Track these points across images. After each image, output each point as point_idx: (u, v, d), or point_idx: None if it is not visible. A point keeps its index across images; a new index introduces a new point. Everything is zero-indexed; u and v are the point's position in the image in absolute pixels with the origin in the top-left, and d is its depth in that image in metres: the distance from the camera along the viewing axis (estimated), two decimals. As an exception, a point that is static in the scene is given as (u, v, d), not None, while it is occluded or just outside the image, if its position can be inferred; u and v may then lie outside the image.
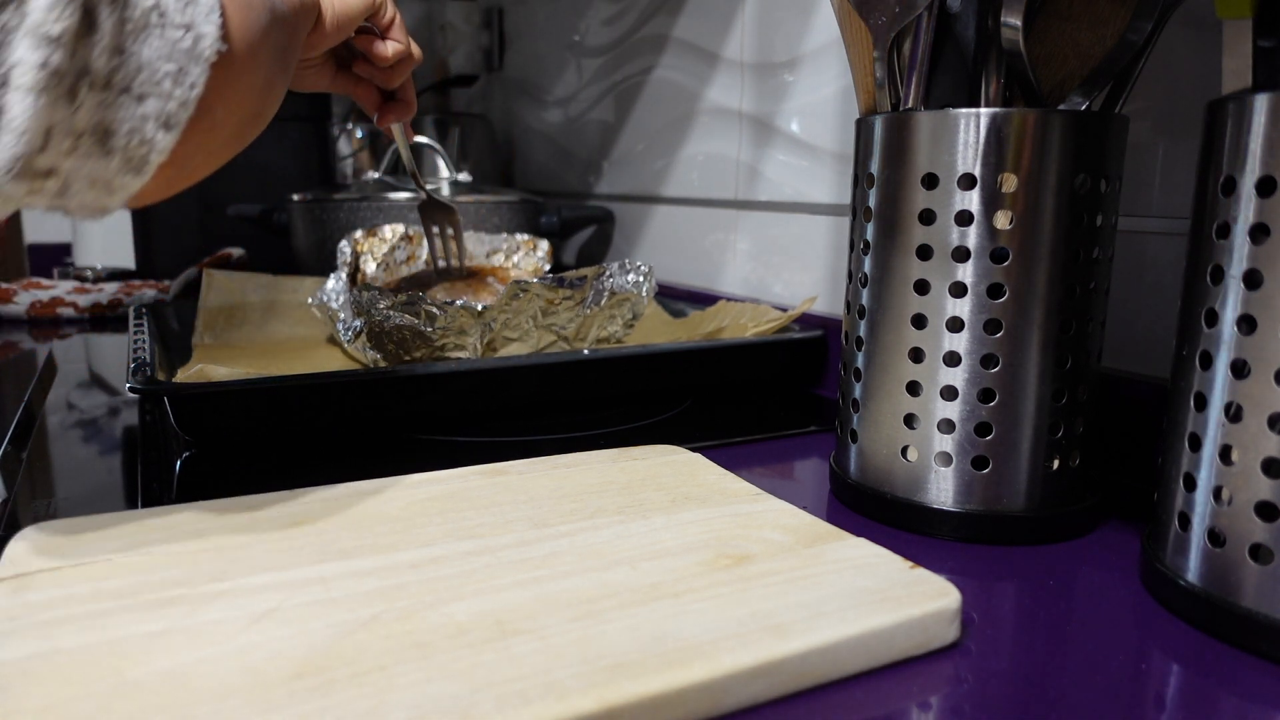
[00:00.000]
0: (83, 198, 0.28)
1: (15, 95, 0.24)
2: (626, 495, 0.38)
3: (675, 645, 0.26)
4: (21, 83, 0.24)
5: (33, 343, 0.84)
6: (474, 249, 0.81)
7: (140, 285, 1.00)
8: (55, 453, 0.51)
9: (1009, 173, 0.36)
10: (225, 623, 0.27)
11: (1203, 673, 0.29)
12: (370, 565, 0.31)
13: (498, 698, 0.24)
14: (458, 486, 0.39)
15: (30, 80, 0.24)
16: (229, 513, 0.35)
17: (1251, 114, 0.30)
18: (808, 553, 0.33)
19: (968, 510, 0.39)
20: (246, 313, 0.75)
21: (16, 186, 0.26)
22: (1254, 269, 0.30)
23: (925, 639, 0.29)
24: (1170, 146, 0.46)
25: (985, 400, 0.38)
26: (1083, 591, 0.35)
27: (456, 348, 0.57)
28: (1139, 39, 0.36)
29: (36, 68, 0.24)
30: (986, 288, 0.37)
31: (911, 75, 0.40)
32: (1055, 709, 0.27)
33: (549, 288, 0.58)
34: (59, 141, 0.26)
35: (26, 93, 0.24)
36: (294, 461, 0.49)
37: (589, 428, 0.56)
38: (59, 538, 0.33)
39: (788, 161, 0.73)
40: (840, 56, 0.66)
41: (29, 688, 0.24)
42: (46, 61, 0.24)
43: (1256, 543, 0.30)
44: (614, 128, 1.01)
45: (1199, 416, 0.32)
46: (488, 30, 1.33)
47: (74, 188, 0.28)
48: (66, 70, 0.25)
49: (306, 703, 0.23)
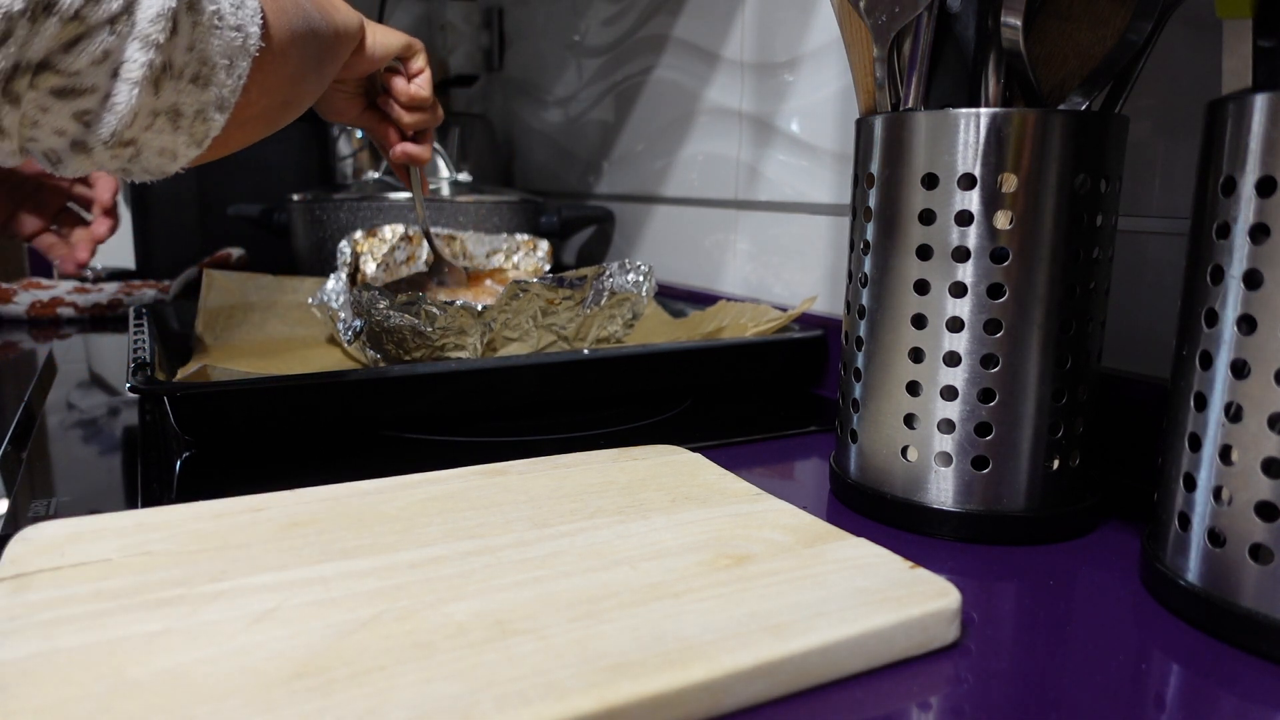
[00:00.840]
0: (149, 163, 0.35)
1: (123, 85, 0.31)
2: (626, 495, 0.38)
3: (675, 645, 0.26)
4: (129, 77, 0.31)
5: (33, 343, 0.84)
6: (474, 249, 0.81)
7: (140, 285, 1.00)
8: (55, 453, 0.51)
9: (1009, 173, 0.36)
10: (225, 623, 0.27)
11: (1203, 673, 0.29)
12: (370, 565, 0.31)
13: (498, 698, 0.24)
14: (458, 486, 0.39)
15: (136, 75, 0.31)
16: (229, 513, 0.35)
17: (1251, 114, 0.30)
18: (808, 553, 0.33)
19: (968, 510, 0.39)
20: (246, 313, 0.75)
21: (104, 152, 0.32)
22: (1254, 269, 0.30)
23: (925, 639, 0.29)
24: (1170, 146, 0.46)
25: (985, 400, 0.38)
26: (1083, 591, 0.35)
27: (456, 348, 0.57)
28: (1139, 39, 0.36)
29: (142, 65, 0.31)
30: (986, 288, 0.37)
31: (911, 75, 0.40)
32: (1055, 709, 0.27)
33: (549, 288, 0.58)
34: (143, 119, 0.32)
35: (132, 85, 0.31)
36: (294, 461, 0.49)
37: (589, 428, 0.56)
38: (59, 538, 0.33)
39: (788, 161, 0.73)
40: (840, 56, 0.66)
41: (29, 688, 0.24)
42: (149, 61, 0.31)
43: (1256, 543, 0.30)
44: (614, 128, 1.01)
45: (1199, 416, 0.32)
46: (488, 30, 1.33)
47: (144, 154, 0.34)
48: (158, 66, 0.31)
49: (306, 703, 0.23)
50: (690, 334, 0.71)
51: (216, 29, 0.33)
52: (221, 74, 0.34)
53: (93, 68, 0.30)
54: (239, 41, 0.34)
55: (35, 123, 0.31)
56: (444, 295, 0.70)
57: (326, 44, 0.44)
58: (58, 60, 0.29)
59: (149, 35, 0.30)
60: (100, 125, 0.31)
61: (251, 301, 0.76)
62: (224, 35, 0.33)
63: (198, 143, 0.35)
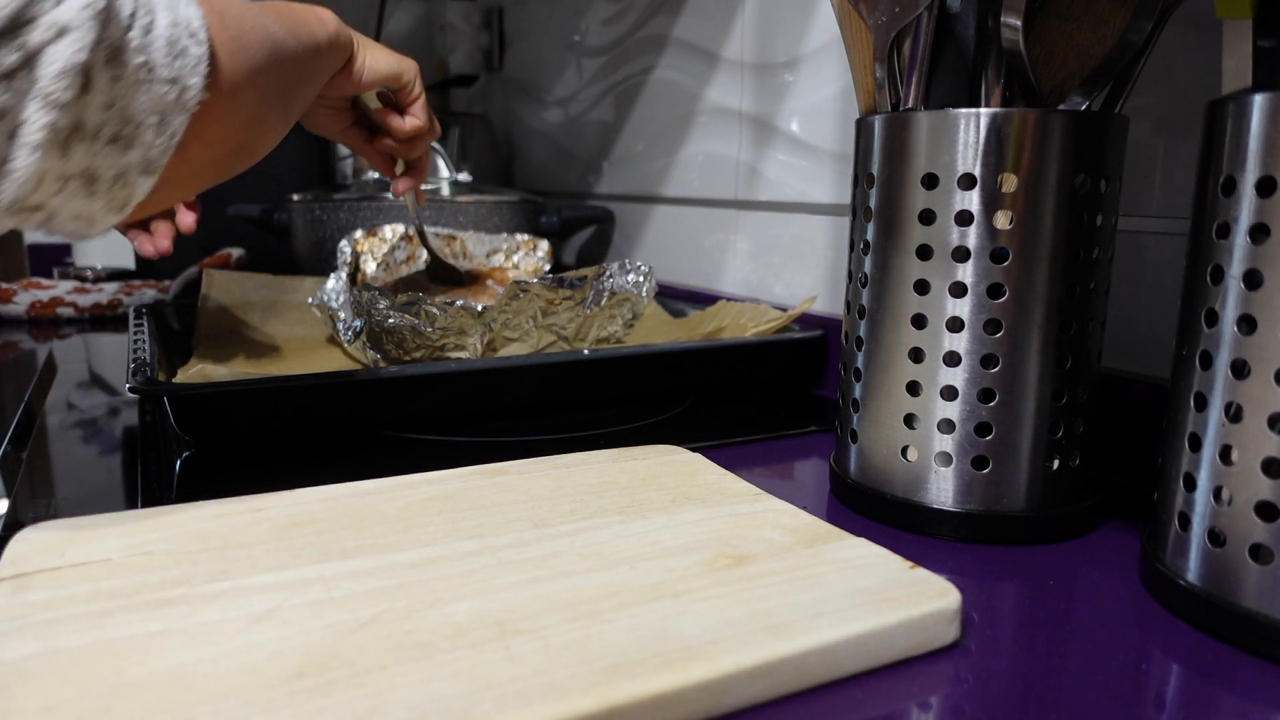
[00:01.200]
0: (65, 228, 0.31)
1: (21, 150, 0.27)
2: (627, 495, 0.38)
3: (675, 645, 0.26)
4: (28, 140, 0.27)
5: (33, 343, 0.84)
6: (474, 249, 0.81)
7: (140, 285, 1.00)
8: (55, 453, 0.51)
9: (1009, 173, 0.36)
10: (225, 623, 0.27)
11: (1203, 673, 0.29)
12: (370, 565, 0.31)
13: (498, 698, 0.24)
14: (458, 486, 0.39)
15: (36, 139, 0.27)
16: (229, 513, 0.35)
17: (1251, 114, 0.30)
18: (808, 553, 0.33)
19: (968, 510, 0.39)
20: (247, 313, 0.75)
21: (6, 219, 0.29)
22: (1254, 269, 0.30)
23: (925, 639, 0.29)
24: (1170, 146, 0.46)
25: (985, 400, 0.38)
26: (1083, 591, 0.35)
27: (457, 348, 0.57)
28: (1139, 39, 0.36)
29: (43, 128, 0.27)
30: (986, 288, 0.37)
31: (911, 75, 0.40)
32: (1055, 709, 0.27)
33: (549, 288, 0.58)
34: (50, 184, 0.29)
35: (32, 149, 0.27)
36: (294, 461, 0.49)
37: (589, 428, 0.56)
38: (59, 538, 0.33)
39: (788, 161, 0.73)
40: (840, 56, 0.66)
41: (29, 688, 0.24)
42: (53, 123, 0.27)
43: (1256, 543, 0.30)
44: (614, 128, 1.01)
45: (1199, 416, 0.32)
46: (488, 30, 1.33)
47: (58, 219, 0.30)
48: (64, 127, 0.28)
49: (306, 703, 0.23)
50: (690, 334, 0.71)
51: (144, 83, 0.29)
52: (149, 134, 0.30)
53: None
54: (172, 96, 0.30)
55: None
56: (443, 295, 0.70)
57: (299, 70, 0.39)
58: None
59: (51, 93, 0.27)
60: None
61: (252, 301, 0.76)
62: (153, 90, 0.29)
63: (118, 208, 0.31)
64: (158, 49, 0.29)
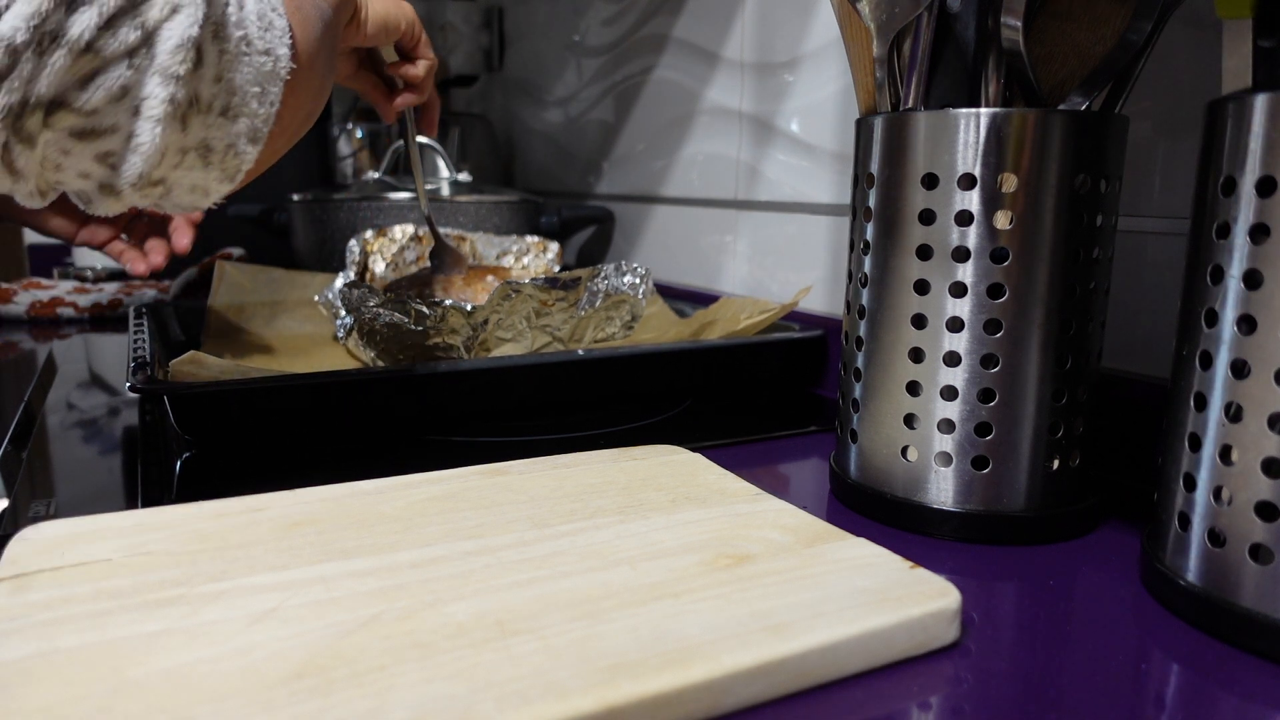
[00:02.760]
0: (182, 200, 0.33)
1: (145, 124, 0.28)
2: (626, 495, 0.38)
3: (675, 645, 0.26)
4: (151, 114, 0.28)
5: (33, 343, 0.84)
6: (483, 250, 0.81)
7: (140, 285, 1.00)
8: (55, 453, 0.51)
9: (1009, 173, 0.36)
10: (225, 623, 0.27)
11: (1203, 673, 0.29)
12: (370, 565, 0.31)
13: (498, 698, 0.24)
14: (458, 486, 0.39)
15: (158, 112, 0.28)
16: (229, 513, 0.35)
17: (1251, 114, 0.30)
18: (808, 553, 0.33)
19: (968, 510, 0.39)
20: (256, 308, 0.75)
21: (133, 194, 0.31)
22: (1254, 269, 0.30)
23: (925, 639, 0.29)
24: (1170, 146, 0.46)
25: (985, 400, 0.38)
26: (1083, 591, 0.35)
27: (448, 347, 0.57)
28: (1139, 39, 0.36)
29: (164, 102, 0.28)
30: (986, 288, 0.37)
31: (911, 75, 0.40)
32: (1055, 709, 0.27)
33: (540, 289, 0.57)
34: (171, 158, 0.30)
35: (155, 123, 0.28)
36: (294, 461, 0.49)
37: (589, 428, 0.56)
38: (59, 538, 0.33)
39: (788, 161, 0.73)
40: (840, 56, 0.66)
41: (29, 688, 0.24)
42: (172, 96, 0.28)
43: (1256, 543, 0.30)
44: (614, 128, 1.01)
45: (1199, 416, 0.32)
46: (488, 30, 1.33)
47: (176, 192, 0.32)
48: (182, 100, 0.29)
49: (306, 703, 0.23)
50: (691, 332, 0.71)
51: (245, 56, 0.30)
52: (253, 103, 0.31)
53: (111, 105, 0.28)
54: (269, 67, 0.31)
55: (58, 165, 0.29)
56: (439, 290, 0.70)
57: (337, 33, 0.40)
58: (72, 98, 0.27)
59: (170, 68, 0.28)
60: (125, 167, 0.29)
61: (261, 297, 0.76)
62: (253, 61, 0.31)
63: (230, 178, 0.33)
64: (252, 23, 0.31)
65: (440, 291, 0.71)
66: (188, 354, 0.52)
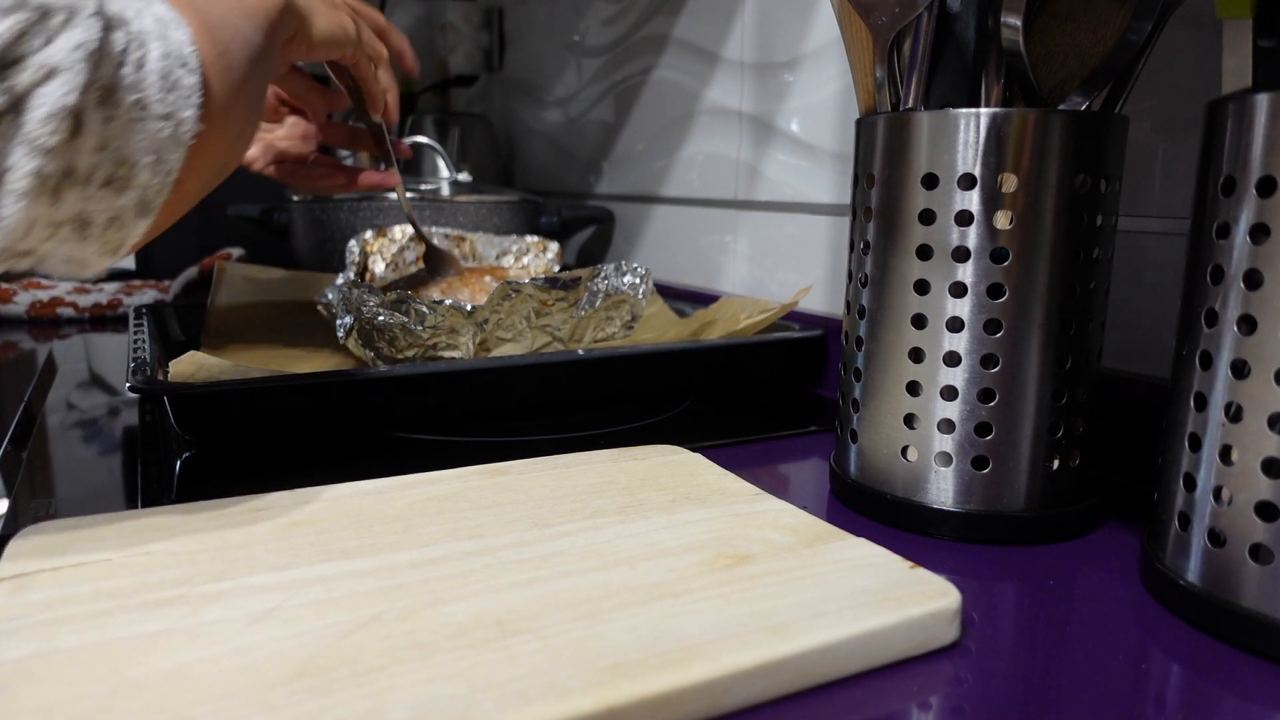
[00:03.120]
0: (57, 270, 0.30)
1: (8, 198, 0.26)
2: (626, 495, 0.38)
3: (675, 645, 0.26)
4: (14, 188, 0.26)
5: (33, 343, 0.84)
6: (483, 250, 0.81)
7: (140, 285, 1.00)
8: (55, 453, 0.51)
9: (1009, 173, 0.36)
10: (225, 623, 0.27)
11: (1203, 673, 0.29)
12: (370, 565, 0.31)
13: (498, 698, 0.24)
14: (458, 486, 0.39)
15: (22, 186, 0.26)
16: (229, 513, 0.35)
17: (1251, 114, 0.30)
18: (808, 553, 0.33)
19: (968, 510, 0.39)
20: (256, 309, 0.75)
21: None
22: (1254, 269, 0.30)
23: (925, 639, 0.29)
24: (1170, 146, 0.46)
25: (985, 400, 0.38)
26: (1083, 591, 0.35)
27: (449, 347, 0.57)
28: (1139, 39, 0.36)
29: (29, 175, 0.26)
30: (986, 288, 0.37)
31: (911, 75, 0.40)
32: (1055, 709, 0.27)
33: (540, 289, 0.57)
34: (40, 231, 0.27)
35: (18, 197, 0.26)
36: (294, 461, 0.49)
37: (589, 428, 0.56)
38: (59, 538, 0.33)
39: (788, 161, 0.73)
40: (840, 56, 0.66)
41: (29, 688, 0.24)
42: (39, 170, 0.26)
43: (1256, 543, 0.30)
44: (614, 128, 1.01)
45: (1199, 416, 0.32)
46: (488, 30, 1.33)
47: (49, 263, 0.29)
48: (53, 173, 0.26)
49: (306, 703, 0.23)
50: (691, 332, 0.71)
51: (138, 122, 0.27)
52: (144, 174, 0.28)
53: None
54: (168, 133, 0.28)
55: None
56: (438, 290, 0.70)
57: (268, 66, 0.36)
58: None
59: (38, 139, 0.25)
60: None
61: (261, 297, 0.76)
62: (148, 128, 0.28)
63: (112, 251, 0.30)
64: (151, 84, 0.28)
65: (440, 291, 0.71)
66: (188, 354, 0.52)
